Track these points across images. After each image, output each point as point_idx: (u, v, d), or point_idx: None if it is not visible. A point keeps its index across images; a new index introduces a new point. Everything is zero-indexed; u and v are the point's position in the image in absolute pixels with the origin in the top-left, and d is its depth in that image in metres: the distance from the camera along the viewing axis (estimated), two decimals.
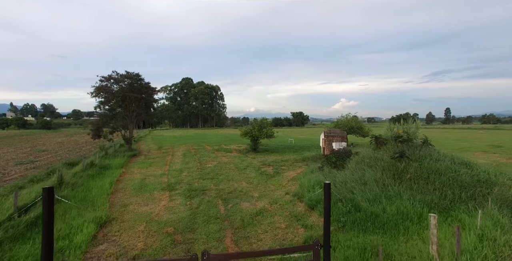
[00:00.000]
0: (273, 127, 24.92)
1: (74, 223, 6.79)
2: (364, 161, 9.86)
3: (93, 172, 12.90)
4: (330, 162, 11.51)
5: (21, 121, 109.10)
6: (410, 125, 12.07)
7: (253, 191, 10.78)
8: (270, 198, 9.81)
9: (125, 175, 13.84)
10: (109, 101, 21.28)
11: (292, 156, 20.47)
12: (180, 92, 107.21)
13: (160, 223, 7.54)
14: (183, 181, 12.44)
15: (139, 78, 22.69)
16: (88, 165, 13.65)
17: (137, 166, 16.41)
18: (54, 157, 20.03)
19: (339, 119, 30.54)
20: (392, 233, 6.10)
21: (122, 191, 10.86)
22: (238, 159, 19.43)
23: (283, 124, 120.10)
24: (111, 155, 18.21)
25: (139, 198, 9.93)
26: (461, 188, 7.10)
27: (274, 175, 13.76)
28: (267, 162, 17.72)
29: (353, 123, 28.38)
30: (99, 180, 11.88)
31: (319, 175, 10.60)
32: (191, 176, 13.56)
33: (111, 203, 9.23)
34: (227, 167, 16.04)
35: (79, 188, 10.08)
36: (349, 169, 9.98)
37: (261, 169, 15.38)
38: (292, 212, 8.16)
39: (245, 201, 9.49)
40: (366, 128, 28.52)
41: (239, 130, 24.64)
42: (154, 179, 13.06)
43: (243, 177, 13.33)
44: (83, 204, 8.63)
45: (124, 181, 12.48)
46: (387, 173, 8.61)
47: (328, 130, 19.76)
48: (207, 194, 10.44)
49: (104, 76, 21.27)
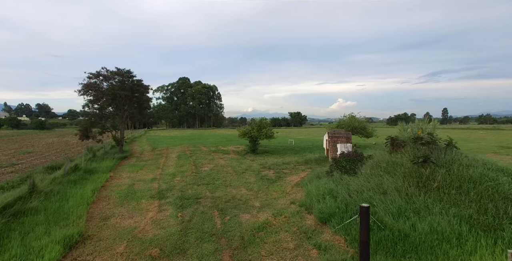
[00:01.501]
0: (272, 128, 23.72)
1: (36, 246, 5.53)
2: (380, 166, 8.68)
3: (75, 178, 11.59)
4: (339, 166, 10.31)
5: (15, 121, 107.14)
6: (426, 125, 10.96)
7: (254, 200, 9.57)
8: (273, 208, 8.61)
9: (112, 181, 12.55)
10: (98, 99, 19.92)
11: (293, 158, 19.30)
12: (177, 92, 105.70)
13: (145, 241, 6.30)
14: (175, 188, 11.19)
15: (131, 75, 21.33)
16: (71, 169, 12.33)
17: (126, 170, 15.10)
18: (39, 160, 18.66)
19: (341, 119, 29.43)
20: (428, 259, 4.93)
21: (106, 199, 9.58)
22: (236, 161, 18.21)
23: (281, 124, 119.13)
24: (99, 158, 16.90)
25: (124, 209, 8.67)
26: (505, 200, 5.94)
27: (275, 180, 12.57)
28: (267, 165, 16.53)
29: (356, 123, 27.28)
30: (81, 186, 10.58)
31: (328, 182, 9.40)
32: (185, 181, 12.31)
33: (90, 215, 7.96)
34: (224, 171, 14.81)
35: (55, 198, 8.78)
36: (363, 175, 8.79)
37: (261, 173, 14.18)
38: (301, 227, 6.95)
39: (245, 212, 8.27)
40: (370, 128, 27.44)
41: (237, 130, 23.42)
42: (143, 185, 11.79)
43: (242, 183, 12.12)
44: (55, 217, 7.36)
45: (110, 188, 11.19)
46: (409, 181, 7.44)
47: (332, 130, 18.61)
48: (201, 203, 9.21)
49: (92, 73, 19.85)
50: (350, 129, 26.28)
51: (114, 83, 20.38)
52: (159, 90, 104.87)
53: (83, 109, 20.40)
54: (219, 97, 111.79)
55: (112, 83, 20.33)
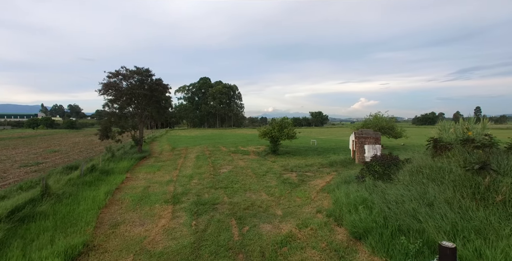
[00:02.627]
0: (294, 127, 22.65)
1: (35, 257, 5.02)
2: (422, 172, 7.46)
3: (91, 179, 11.33)
4: (372, 171, 9.16)
5: (49, 121, 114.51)
6: (472, 125, 9.52)
7: (275, 207, 8.68)
8: (297, 217, 7.68)
9: (127, 182, 12.19)
10: (118, 99, 19.94)
11: (317, 160, 18.16)
12: (198, 92, 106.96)
13: (153, 255, 5.62)
14: (191, 191, 10.56)
15: (149, 74, 21.17)
16: (88, 170, 12.14)
17: (144, 171, 14.78)
18: (62, 159, 18.98)
19: (367, 118, 27.73)
20: None
21: (119, 203, 9.12)
22: (256, 162, 17.40)
23: (301, 124, 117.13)
24: (117, 158, 16.78)
25: (136, 214, 8.12)
26: None
27: (299, 184, 11.60)
28: (289, 167, 15.56)
29: (384, 122, 25.52)
30: (95, 188, 10.24)
31: (360, 189, 8.30)
32: (202, 184, 11.67)
33: (100, 221, 7.47)
34: (244, 173, 14.04)
35: (66, 200, 8.43)
36: (401, 182, 7.61)
37: (283, 176, 13.25)
38: (330, 243, 5.97)
39: (265, 222, 7.42)
40: (399, 128, 25.56)
41: (257, 130, 22.59)
42: (159, 187, 11.29)
43: (262, 186, 11.27)
44: (63, 223, 6.93)
45: (125, 190, 10.78)
46: (462, 191, 6.20)
47: (360, 130, 17.26)
48: (218, 209, 8.47)
49: (111, 72, 19.92)
50: (377, 129, 24.61)
51: (134, 82, 20.32)
52: (181, 90, 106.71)
53: (103, 108, 20.58)
54: (239, 97, 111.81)
55: (131, 83, 20.29)
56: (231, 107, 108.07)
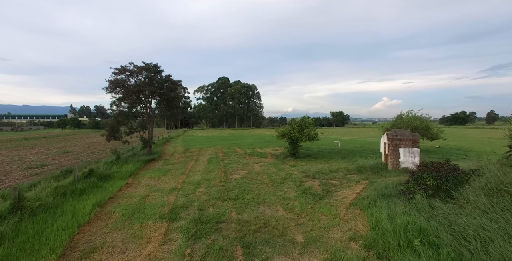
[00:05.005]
0: (316, 127, 20.49)
1: None
2: (508, 192, 5.26)
3: (84, 186, 10.00)
4: (422, 185, 7.00)
5: (76, 122, 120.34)
6: None
7: (295, 229, 6.80)
8: (323, 247, 5.76)
9: (126, 189, 10.78)
10: (125, 97, 18.77)
11: (342, 164, 15.99)
12: (217, 92, 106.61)
13: None
14: (194, 203, 8.89)
15: (158, 70, 19.86)
16: (83, 175, 10.86)
17: (148, 175, 13.39)
18: (70, 160, 18.19)
19: (398, 116, 24.87)
20: None
21: (106, 218, 7.63)
22: (273, 167, 15.53)
23: (322, 124, 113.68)
24: (123, 160, 15.59)
25: (121, 235, 6.55)
26: None
27: (323, 196, 9.61)
28: (311, 173, 13.56)
29: (418, 122, 22.61)
30: (85, 198, 8.84)
31: (410, 210, 6.18)
32: (208, 194, 9.99)
33: (72, 246, 5.95)
34: (259, 180, 12.23)
35: (41, 216, 7.03)
36: (473, 204, 5.45)
37: (304, 184, 11.31)
38: None
39: (281, 254, 5.57)
40: (436, 129, 22.58)
41: (275, 131, 20.66)
42: (159, 197, 9.75)
43: (279, 198, 9.40)
44: (22, 251, 5.45)
45: (119, 200, 9.32)
46: None
47: (393, 131, 14.86)
48: (222, 230, 6.72)
49: (117, 68, 18.78)
50: (410, 129, 21.84)
51: (142, 79, 19.09)
52: (199, 91, 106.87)
53: (111, 107, 19.57)
54: (258, 97, 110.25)
55: (140, 79, 19.09)
56: (250, 107, 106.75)
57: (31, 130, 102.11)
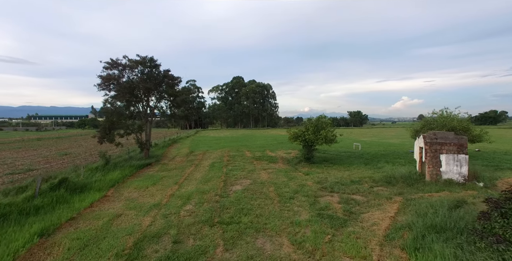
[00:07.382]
0: (334, 128, 17.86)
1: None
2: None
3: (44, 201, 8.10)
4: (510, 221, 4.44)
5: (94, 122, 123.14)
6: None
7: None
8: None
9: (98, 205, 8.79)
10: (120, 95, 16.91)
11: (365, 173, 13.39)
12: (231, 92, 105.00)
13: None
14: (171, 230, 6.70)
15: (155, 64, 17.86)
16: (50, 187, 9.00)
17: (134, 185, 11.41)
18: (63, 164, 16.68)
19: (430, 116, 21.67)
20: None
21: (41, 255, 5.60)
22: (283, 175, 13.16)
23: (339, 124, 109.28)
24: (111, 165, 13.77)
25: None
26: None
27: (345, 221, 7.16)
28: (328, 184, 11.10)
29: (455, 122, 19.39)
30: (33, 221, 6.91)
31: None
32: (195, 215, 7.79)
33: None
34: (263, 194, 9.93)
35: None
36: None
37: (319, 201, 8.90)
38: None
39: None
40: (478, 130, 19.28)
41: (287, 131, 18.22)
42: (132, 218, 7.66)
43: (286, 223, 7.06)
44: None
45: (79, 223, 7.29)
46: None
47: (432, 133, 12.06)
48: None
49: (108, 62, 16.94)
50: (446, 130, 18.70)
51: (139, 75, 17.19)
52: (214, 90, 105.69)
53: (104, 105, 17.77)
54: (273, 96, 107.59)
55: (136, 74, 17.22)
56: (265, 106, 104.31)
57: (54, 130, 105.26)
